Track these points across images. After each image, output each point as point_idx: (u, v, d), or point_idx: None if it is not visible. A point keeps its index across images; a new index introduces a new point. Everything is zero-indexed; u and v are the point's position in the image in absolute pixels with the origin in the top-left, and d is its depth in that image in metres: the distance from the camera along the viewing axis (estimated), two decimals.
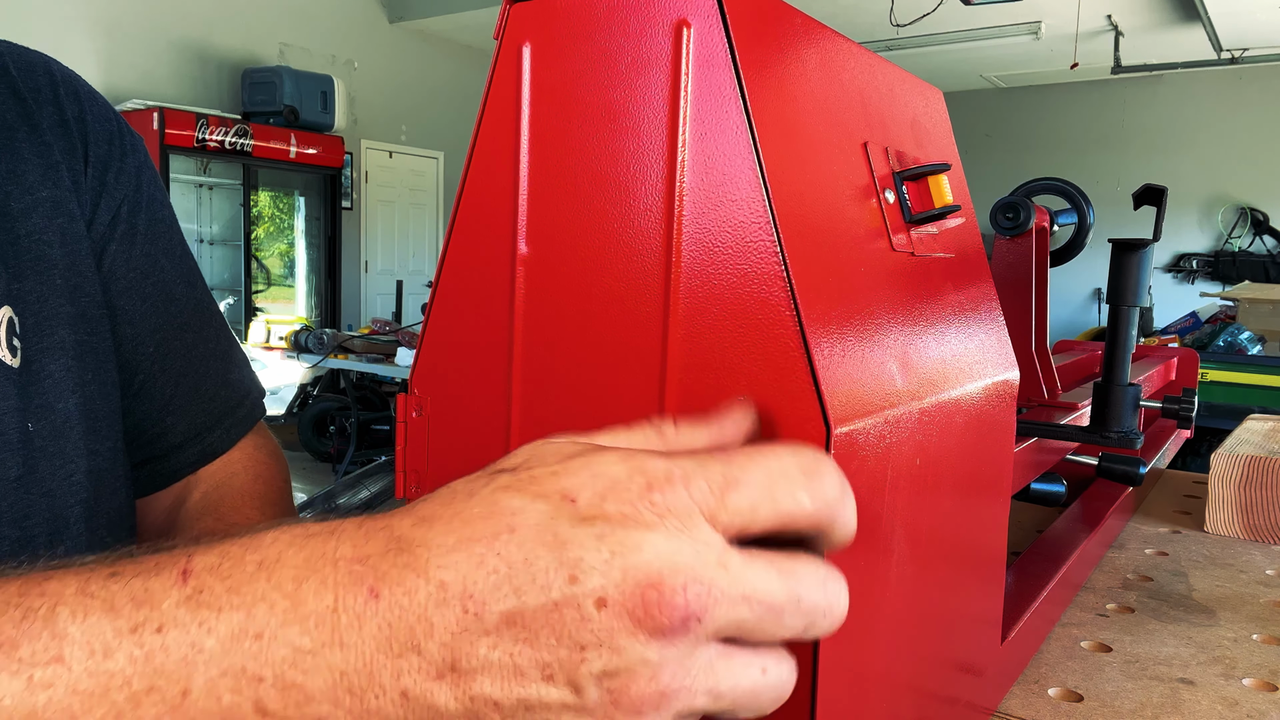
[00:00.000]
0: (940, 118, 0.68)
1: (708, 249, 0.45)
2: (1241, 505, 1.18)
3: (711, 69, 0.44)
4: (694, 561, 0.31)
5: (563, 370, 0.49)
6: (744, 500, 0.33)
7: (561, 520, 0.31)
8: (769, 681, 0.33)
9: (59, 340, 0.65)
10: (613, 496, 0.32)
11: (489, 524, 0.31)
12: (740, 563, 0.32)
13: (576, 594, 0.30)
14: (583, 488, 0.32)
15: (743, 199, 0.44)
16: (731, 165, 0.44)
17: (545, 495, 0.32)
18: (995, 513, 0.66)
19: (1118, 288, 0.93)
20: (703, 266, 0.45)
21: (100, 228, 0.71)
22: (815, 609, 0.33)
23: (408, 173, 8.75)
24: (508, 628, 0.30)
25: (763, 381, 0.43)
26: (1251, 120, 8.61)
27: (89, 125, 0.72)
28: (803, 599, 0.33)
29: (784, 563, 0.33)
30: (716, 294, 0.44)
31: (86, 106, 0.73)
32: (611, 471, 0.32)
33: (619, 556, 0.30)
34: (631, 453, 0.33)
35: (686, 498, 0.32)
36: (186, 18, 7.11)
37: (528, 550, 0.31)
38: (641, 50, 0.46)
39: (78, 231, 0.69)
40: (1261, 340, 4.93)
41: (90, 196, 0.71)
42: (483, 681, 0.30)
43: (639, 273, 0.46)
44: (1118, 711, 0.72)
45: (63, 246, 0.67)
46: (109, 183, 0.72)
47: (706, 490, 0.32)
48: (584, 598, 0.30)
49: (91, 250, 0.70)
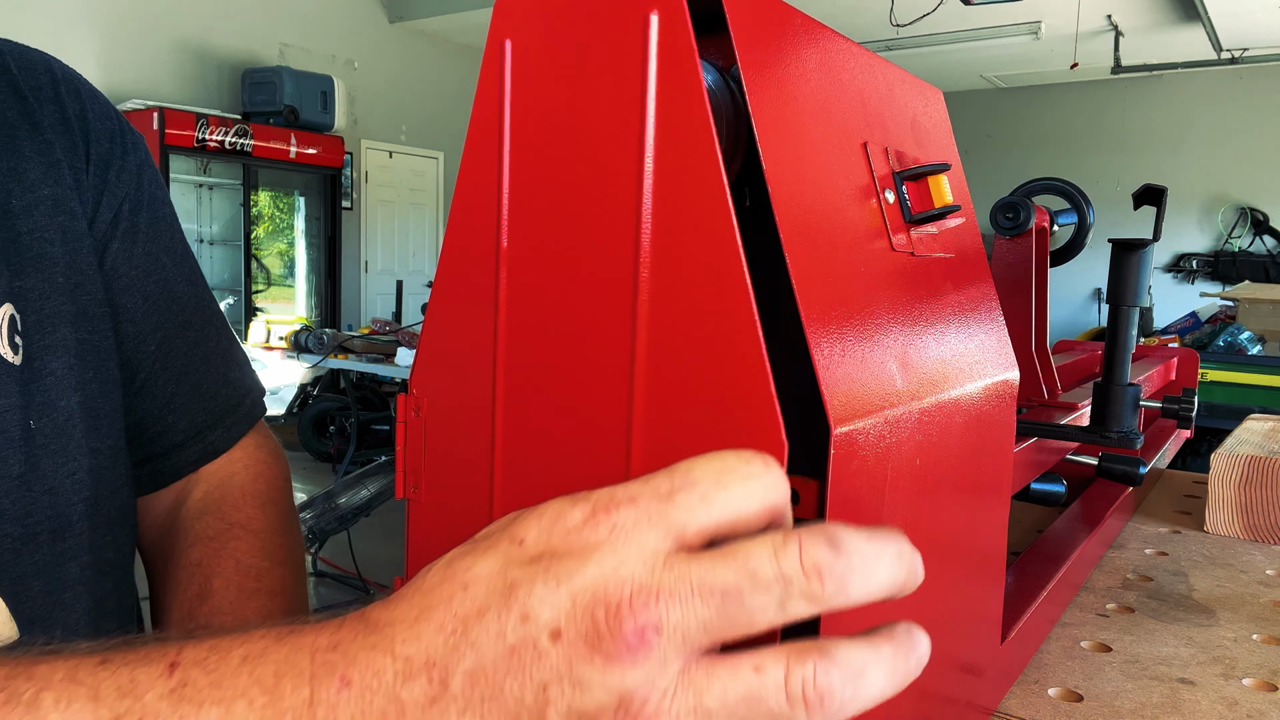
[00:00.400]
0: (940, 118, 0.68)
1: (670, 245, 0.44)
2: (1241, 505, 1.18)
3: (675, 61, 0.44)
4: (639, 571, 0.30)
5: (543, 368, 0.49)
6: (693, 497, 0.32)
7: (511, 565, 0.31)
8: (768, 682, 0.30)
9: (61, 338, 0.65)
10: (558, 528, 0.32)
11: (445, 588, 0.32)
12: (685, 559, 0.31)
13: (530, 632, 0.30)
14: (530, 527, 0.32)
15: (704, 194, 0.43)
16: (692, 156, 0.43)
17: (495, 546, 0.32)
18: (995, 513, 0.67)
19: (1118, 288, 0.93)
20: (666, 261, 0.44)
21: (102, 226, 0.71)
22: (776, 579, 0.30)
23: (408, 173, 8.75)
24: (473, 687, 0.30)
25: (723, 371, 0.43)
26: (1251, 120, 8.61)
27: (90, 123, 0.72)
28: (757, 573, 0.30)
29: (729, 548, 0.31)
30: (679, 286, 0.44)
31: (88, 105, 0.73)
32: (557, 507, 0.32)
33: (564, 583, 0.30)
34: (577, 494, 0.33)
35: (633, 513, 0.31)
36: (186, 18, 7.11)
37: (480, 601, 0.31)
38: (608, 43, 0.46)
39: (79, 230, 0.69)
40: (1261, 340, 4.93)
41: (92, 194, 0.71)
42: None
43: (610, 270, 0.46)
44: (1118, 711, 0.72)
45: (64, 244, 0.67)
46: (110, 181, 0.72)
47: (653, 501, 0.32)
48: (538, 634, 0.30)
49: (93, 249, 0.70)
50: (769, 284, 0.44)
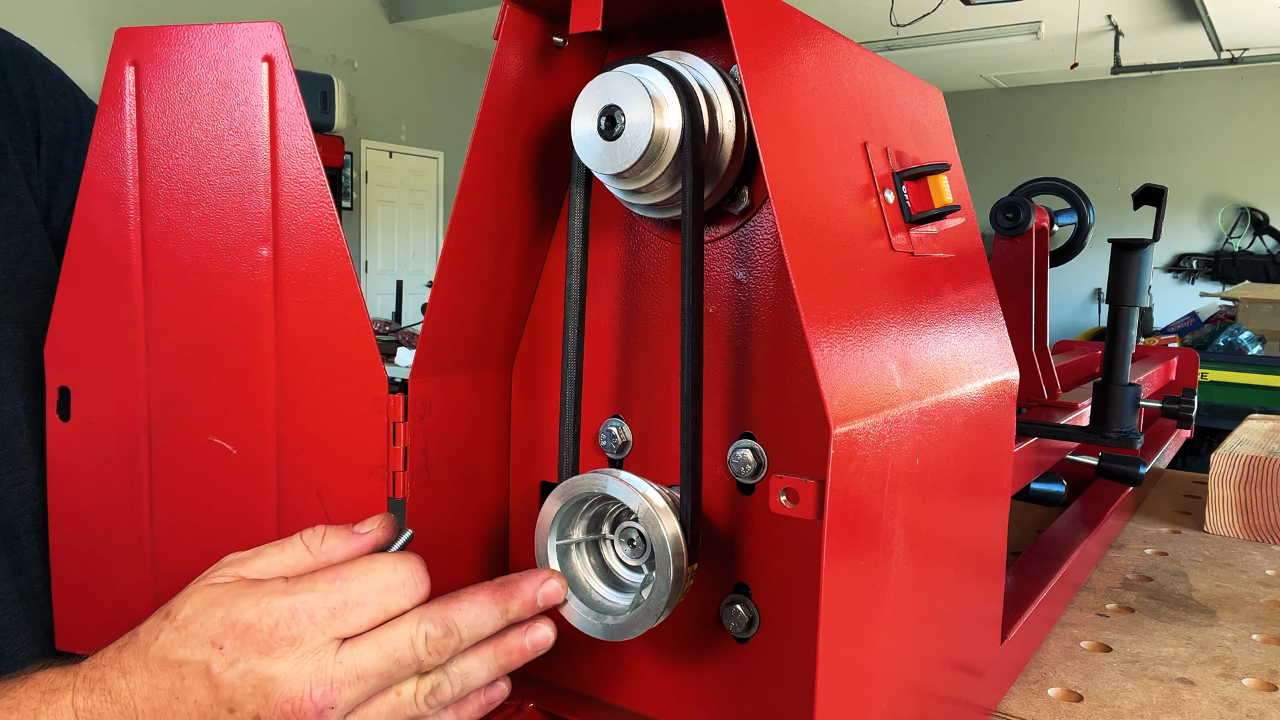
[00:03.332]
0: (940, 118, 0.68)
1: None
2: (1241, 505, 1.18)
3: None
4: (315, 671, 0.43)
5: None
6: (361, 617, 0.45)
7: (215, 665, 0.43)
8: (404, 693, 0.45)
9: (5, 338, 0.63)
10: (249, 638, 0.43)
11: (167, 674, 0.44)
12: (348, 653, 0.44)
13: (239, 716, 0.43)
14: (225, 635, 0.43)
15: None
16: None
17: (200, 646, 0.44)
18: (995, 513, 0.66)
19: (1118, 288, 0.93)
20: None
21: (60, 213, 0.68)
22: (413, 659, 0.45)
23: (408, 173, 8.75)
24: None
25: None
26: (1251, 120, 8.60)
27: (40, 103, 0.68)
28: (399, 657, 0.45)
29: (378, 633, 0.45)
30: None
31: (38, 82, 0.68)
32: (246, 618, 0.43)
33: (260, 687, 0.43)
34: (262, 594, 0.44)
35: (309, 626, 0.43)
36: (186, 18, 7.11)
37: (197, 694, 0.43)
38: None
39: (28, 218, 0.65)
40: (1261, 340, 4.93)
41: (45, 179, 0.67)
42: None
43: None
44: (1118, 711, 0.72)
45: (9, 237, 0.63)
46: (67, 164, 0.68)
47: (328, 615, 0.44)
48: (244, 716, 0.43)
49: (51, 238, 0.67)
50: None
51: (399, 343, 5.22)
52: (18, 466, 0.63)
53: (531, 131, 0.55)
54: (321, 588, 0.44)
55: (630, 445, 0.58)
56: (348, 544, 0.48)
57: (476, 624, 0.46)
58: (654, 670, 0.58)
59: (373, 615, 0.45)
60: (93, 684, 0.45)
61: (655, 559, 0.49)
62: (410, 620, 0.45)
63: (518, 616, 0.48)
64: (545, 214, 0.59)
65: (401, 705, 0.46)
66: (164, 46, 0.56)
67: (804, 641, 0.52)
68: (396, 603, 0.45)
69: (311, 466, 0.57)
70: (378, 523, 0.50)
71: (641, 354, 0.57)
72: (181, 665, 0.43)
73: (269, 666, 0.43)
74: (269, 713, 0.43)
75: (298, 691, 0.43)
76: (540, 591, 0.48)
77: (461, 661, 0.47)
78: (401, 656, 0.45)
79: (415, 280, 8.57)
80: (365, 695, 0.44)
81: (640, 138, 0.47)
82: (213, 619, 0.44)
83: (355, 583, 0.45)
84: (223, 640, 0.43)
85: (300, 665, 0.43)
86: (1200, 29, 7.20)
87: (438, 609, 0.46)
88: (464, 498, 0.60)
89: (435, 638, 0.45)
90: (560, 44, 0.54)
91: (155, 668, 0.44)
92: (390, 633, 0.45)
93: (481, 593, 0.47)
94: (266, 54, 0.54)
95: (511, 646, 0.48)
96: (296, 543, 0.48)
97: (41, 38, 5.15)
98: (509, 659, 0.48)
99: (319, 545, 0.48)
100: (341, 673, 0.43)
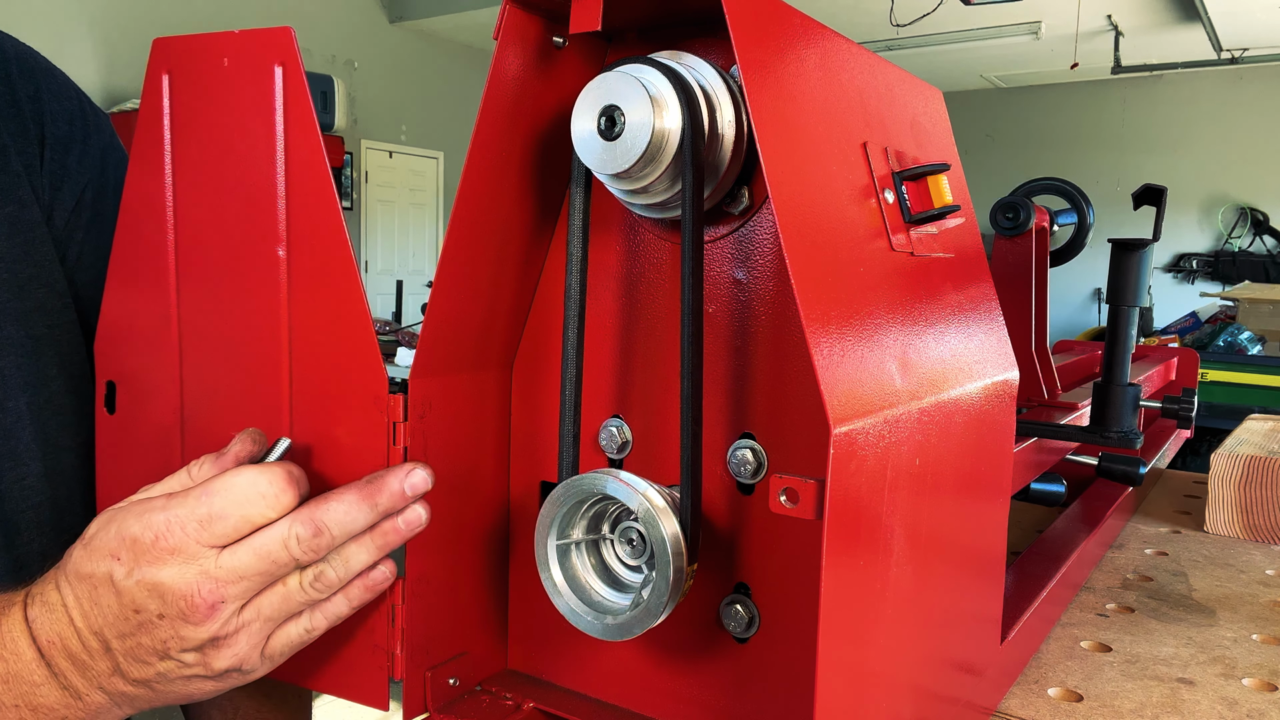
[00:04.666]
0: (940, 118, 0.68)
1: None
2: (1241, 505, 1.18)
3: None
4: (199, 574, 0.50)
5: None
6: (227, 526, 0.50)
7: (116, 574, 0.50)
8: (291, 584, 0.52)
9: (6, 336, 0.63)
10: (138, 550, 0.50)
11: (83, 585, 0.51)
12: (227, 556, 0.50)
13: (144, 618, 0.50)
14: (120, 548, 0.50)
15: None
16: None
17: (103, 559, 0.51)
18: (995, 513, 0.66)
19: (1118, 288, 0.93)
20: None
21: (63, 215, 0.68)
22: (290, 559, 0.51)
23: (408, 173, 8.75)
24: (121, 640, 0.51)
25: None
26: (1251, 120, 8.60)
27: (45, 105, 0.68)
28: (274, 556, 0.50)
29: (253, 538, 0.50)
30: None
31: (43, 84, 0.69)
32: (133, 532, 0.50)
33: (154, 589, 0.50)
34: (144, 510, 0.51)
35: (182, 536, 0.50)
36: (187, 18, 7.11)
37: (108, 600, 0.51)
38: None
39: (30, 219, 0.65)
40: (1261, 340, 4.93)
41: (49, 181, 0.68)
42: (129, 664, 0.51)
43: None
44: (1118, 711, 0.72)
45: (11, 237, 0.64)
46: (71, 166, 0.69)
47: (197, 526, 0.50)
48: (150, 618, 0.50)
49: (54, 238, 0.67)
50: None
51: (399, 343, 5.22)
52: (20, 463, 0.64)
53: (531, 131, 0.55)
54: (190, 503, 0.50)
55: (630, 445, 0.58)
56: (216, 463, 0.54)
57: (346, 520, 0.51)
58: (654, 670, 0.58)
59: (238, 525, 0.50)
60: (34, 598, 0.53)
61: (655, 559, 0.49)
62: (282, 525, 0.51)
63: (388, 509, 0.53)
64: (545, 214, 0.59)
65: (290, 594, 0.52)
66: (192, 55, 0.58)
67: (804, 641, 0.52)
68: (260, 512, 0.50)
69: (315, 465, 0.57)
70: (240, 439, 0.54)
71: (641, 354, 0.57)
72: (92, 577, 0.51)
73: (158, 573, 0.50)
74: (169, 610, 0.50)
75: (187, 591, 0.49)
76: (407, 482, 0.53)
77: (342, 550, 0.52)
78: (277, 557, 0.51)
79: (415, 280, 8.56)
80: (251, 591, 0.51)
81: (640, 138, 0.47)
82: (109, 535, 0.51)
83: (216, 497, 0.50)
84: (119, 552, 0.50)
85: (185, 570, 0.50)
86: (1200, 29, 7.20)
87: (307, 511, 0.51)
88: (464, 498, 0.60)
89: (305, 537, 0.51)
90: (560, 44, 0.54)
91: (74, 581, 0.52)
92: (263, 537, 0.50)
93: (350, 491, 0.52)
94: (281, 59, 0.55)
95: (386, 529, 0.53)
96: (181, 472, 0.55)
97: (41, 38, 5.14)
98: (385, 540, 0.53)
99: (197, 470, 0.54)
100: (223, 574, 0.50)
